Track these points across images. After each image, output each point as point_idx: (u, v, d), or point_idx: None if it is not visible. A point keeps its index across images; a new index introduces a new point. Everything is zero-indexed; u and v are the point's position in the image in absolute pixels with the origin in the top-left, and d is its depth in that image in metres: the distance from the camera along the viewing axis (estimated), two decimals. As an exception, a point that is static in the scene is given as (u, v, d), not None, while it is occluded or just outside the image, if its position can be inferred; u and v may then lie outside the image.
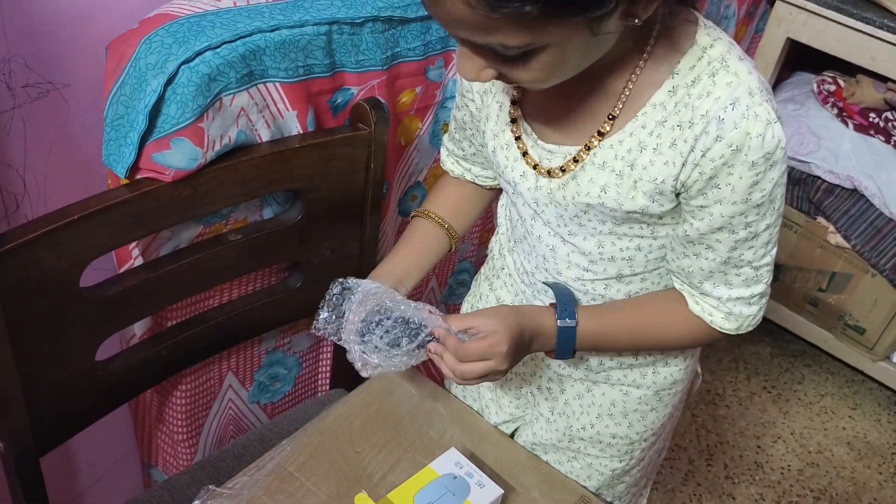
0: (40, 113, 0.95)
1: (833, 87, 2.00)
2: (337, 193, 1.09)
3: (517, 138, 0.86)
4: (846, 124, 1.97)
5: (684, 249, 0.83)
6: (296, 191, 1.07)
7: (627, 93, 0.77)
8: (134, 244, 0.98)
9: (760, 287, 0.84)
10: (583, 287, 0.91)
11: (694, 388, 1.08)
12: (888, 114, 1.93)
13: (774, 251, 0.83)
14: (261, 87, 0.97)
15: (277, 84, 0.98)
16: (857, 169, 1.92)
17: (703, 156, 0.74)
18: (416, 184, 1.29)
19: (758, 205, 0.76)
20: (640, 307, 0.91)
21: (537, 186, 0.85)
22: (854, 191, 1.94)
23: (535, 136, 0.84)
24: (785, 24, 1.87)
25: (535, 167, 0.84)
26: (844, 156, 1.93)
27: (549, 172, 0.83)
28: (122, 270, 1.00)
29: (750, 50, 2.00)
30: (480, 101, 0.91)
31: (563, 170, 0.82)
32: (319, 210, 1.09)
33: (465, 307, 1.12)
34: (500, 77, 0.72)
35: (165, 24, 0.92)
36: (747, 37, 1.97)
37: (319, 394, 1.40)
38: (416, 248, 1.01)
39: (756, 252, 0.81)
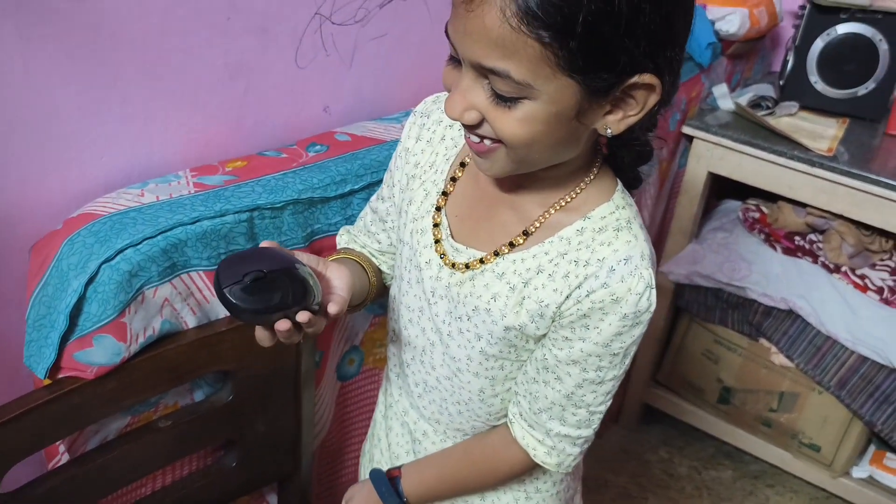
0: (-37, 318, 0.96)
1: (757, 214, 2.09)
2: (268, 370, 1.10)
3: (435, 225, 0.91)
4: (774, 248, 2.04)
5: (536, 374, 0.88)
6: (225, 372, 1.08)
7: (546, 217, 0.84)
8: (60, 441, 0.97)
9: (588, 432, 0.90)
10: (451, 387, 0.95)
11: None
12: (812, 236, 2.01)
13: (608, 405, 0.89)
14: (184, 276, 0.99)
15: (201, 272, 1.00)
16: (789, 290, 1.98)
17: (587, 295, 0.80)
18: (352, 348, 1.30)
19: (613, 354, 0.83)
20: (460, 458, 0.99)
21: (438, 277, 0.90)
22: (790, 311, 1.99)
23: (449, 231, 0.90)
24: (704, 160, 1.97)
25: (442, 256, 0.89)
26: (776, 278, 2.00)
27: (453, 266, 0.88)
28: (50, 466, 0.99)
29: (675, 184, 2.09)
30: (406, 183, 0.95)
31: (467, 266, 0.87)
32: (251, 388, 1.09)
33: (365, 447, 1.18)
34: (478, 126, 0.75)
35: (88, 223, 0.95)
36: (672, 172, 2.06)
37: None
38: (337, 261, 0.95)
39: (597, 398, 0.87)
